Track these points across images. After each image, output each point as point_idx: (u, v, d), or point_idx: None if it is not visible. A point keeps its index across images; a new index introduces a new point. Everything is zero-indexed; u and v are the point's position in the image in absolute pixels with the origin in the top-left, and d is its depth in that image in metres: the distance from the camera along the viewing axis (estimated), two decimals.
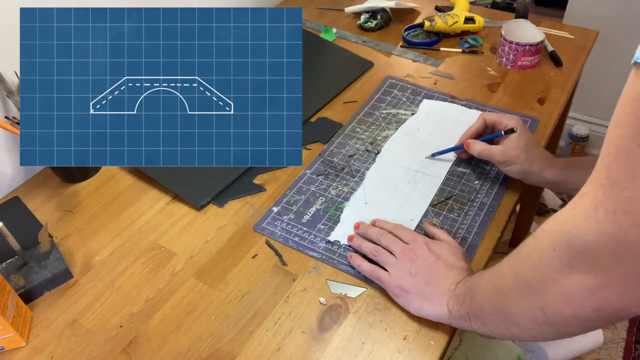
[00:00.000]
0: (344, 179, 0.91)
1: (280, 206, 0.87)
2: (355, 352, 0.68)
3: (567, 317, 0.50)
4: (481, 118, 0.88)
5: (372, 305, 0.73)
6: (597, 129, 1.98)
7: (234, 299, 0.75)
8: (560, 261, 0.48)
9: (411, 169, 0.92)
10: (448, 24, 1.21)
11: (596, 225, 0.43)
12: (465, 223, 0.82)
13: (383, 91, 1.10)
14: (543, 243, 0.51)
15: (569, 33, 1.22)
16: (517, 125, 0.83)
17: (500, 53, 1.14)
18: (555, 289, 0.50)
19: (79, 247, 0.84)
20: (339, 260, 0.78)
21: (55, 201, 0.92)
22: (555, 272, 0.49)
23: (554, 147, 1.44)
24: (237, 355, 0.69)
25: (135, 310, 0.75)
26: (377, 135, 0.99)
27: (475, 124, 0.89)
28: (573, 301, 0.49)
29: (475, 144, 0.86)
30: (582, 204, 0.46)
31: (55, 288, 0.78)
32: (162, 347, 0.71)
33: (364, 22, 1.29)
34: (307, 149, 0.98)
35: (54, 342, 0.72)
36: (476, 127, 0.88)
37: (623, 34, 1.75)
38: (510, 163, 0.82)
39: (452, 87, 1.10)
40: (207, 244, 0.83)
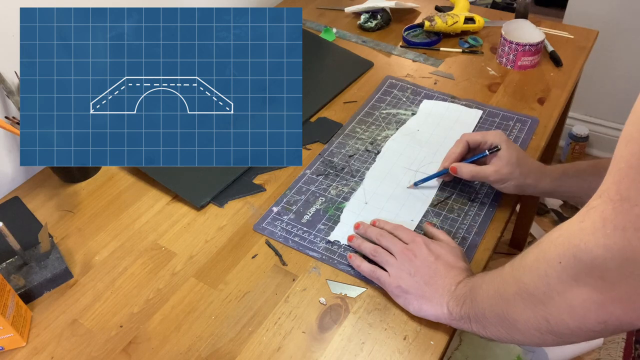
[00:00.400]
0: (344, 179, 0.91)
1: (280, 206, 0.87)
2: (355, 352, 0.68)
3: (571, 327, 0.50)
4: (463, 140, 0.84)
5: (372, 305, 0.73)
6: (597, 129, 1.98)
7: (234, 299, 0.75)
8: (566, 274, 0.48)
9: (411, 169, 0.92)
10: (448, 24, 1.21)
11: (604, 240, 0.43)
12: (465, 223, 0.82)
13: (383, 91, 1.10)
14: (549, 254, 0.50)
15: (569, 33, 1.22)
16: (501, 142, 0.80)
17: (500, 53, 1.15)
18: (560, 300, 0.50)
19: (79, 247, 0.84)
20: (339, 260, 0.78)
21: (55, 201, 0.92)
22: (560, 284, 0.49)
23: (554, 147, 1.44)
24: (237, 355, 0.69)
25: (135, 310, 0.75)
26: (377, 135, 0.99)
27: (458, 146, 0.84)
28: (578, 313, 0.48)
29: (464, 167, 0.81)
30: (590, 218, 0.45)
31: (55, 288, 0.78)
32: (162, 347, 0.71)
33: (364, 22, 1.29)
34: (307, 149, 0.98)
35: (54, 342, 0.72)
36: (459, 149, 0.83)
37: (623, 34, 1.75)
38: (505, 180, 0.79)
39: (452, 87, 1.10)
40: (207, 244, 0.83)
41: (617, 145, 0.45)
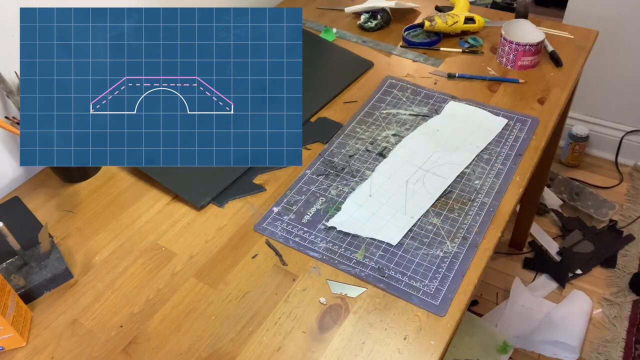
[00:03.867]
0: (344, 179, 0.91)
1: (281, 206, 0.87)
2: (356, 352, 0.68)
3: None
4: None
5: (372, 305, 0.73)
6: (597, 129, 1.98)
7: (234, 299, 0.75)
8: None
9: (423, 168, 0.91)
10: (448, 24, 1.21)
11: None
12: (466, 223, 0.82)
13: (383, 91, 1.10)
14: None
15: (569, 33, 1.22)
16: None
17: (500, 53, 1.15)
18: None
19: (79, 247, 0.84)
20: (340, 260, 0.78)
21: (55, 201, 0.92)
22: None
23: (554, 147, 1.44)
24: (237, 355, 0.69)
25: (135, 310, 0.75)
26: (377, 135, 0.99)
27: None
28: None
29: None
30: None
31: (55, 288, 0.78)
32: (162, 347, 0.71)
33: (364, 22, 1.29)
34: (307, 149, 0.98)
35: (54, 342, 0.72)
36: None
37: (623, 34, 1.75)
38: None
39: (452, 87, 1.10)
40: (207, 244, 0.83)
41: None
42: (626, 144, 1.95)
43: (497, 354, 1.45)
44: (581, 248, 1.71)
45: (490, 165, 0.91)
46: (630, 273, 1.62)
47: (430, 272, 0.76)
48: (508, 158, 0.93)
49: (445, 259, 0.78)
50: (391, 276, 0.76)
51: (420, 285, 0.75)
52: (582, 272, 1.64)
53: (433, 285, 0.75)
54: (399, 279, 0.76)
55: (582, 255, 1.69)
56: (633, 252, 1.68)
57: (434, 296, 0.73)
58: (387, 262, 0.78)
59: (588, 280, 1.62)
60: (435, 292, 0.74)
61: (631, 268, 1.64)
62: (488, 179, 0.89)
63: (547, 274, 1.65)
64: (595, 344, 1.46)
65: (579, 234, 1.74)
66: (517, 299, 1.56)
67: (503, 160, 0.92)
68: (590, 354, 1.45)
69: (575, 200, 1.84)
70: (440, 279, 0.75)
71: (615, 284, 1.60)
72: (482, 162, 0.92)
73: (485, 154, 0.94)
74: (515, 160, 0.92)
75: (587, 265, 1.66)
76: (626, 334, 1.49)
